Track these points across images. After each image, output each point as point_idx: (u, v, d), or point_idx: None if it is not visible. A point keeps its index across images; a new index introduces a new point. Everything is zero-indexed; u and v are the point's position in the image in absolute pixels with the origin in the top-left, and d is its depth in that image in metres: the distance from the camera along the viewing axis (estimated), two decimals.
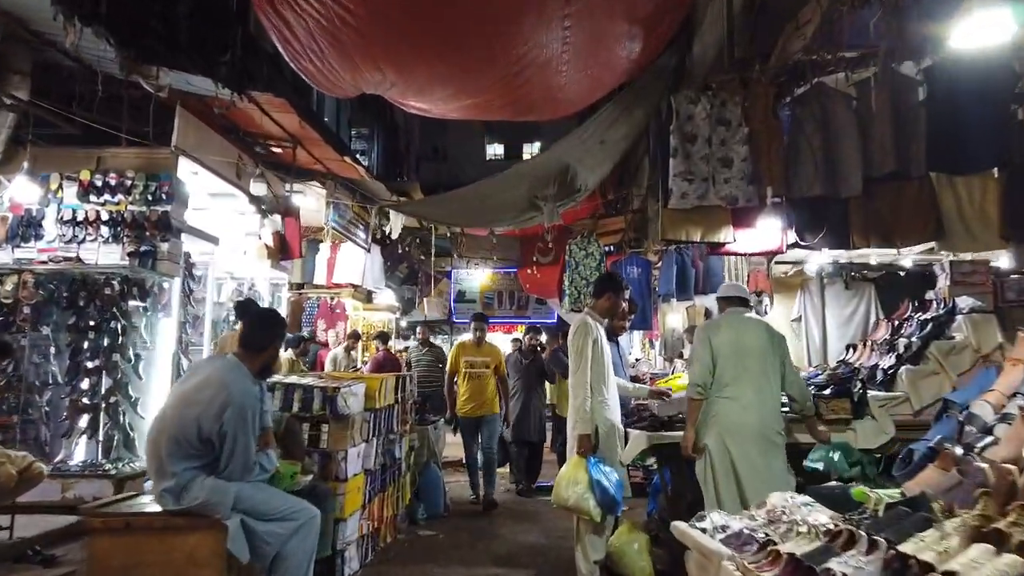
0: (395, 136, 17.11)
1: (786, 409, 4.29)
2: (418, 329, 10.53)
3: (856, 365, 5.54)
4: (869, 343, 5.92)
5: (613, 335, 5.31)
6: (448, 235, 13.09)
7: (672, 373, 8.12)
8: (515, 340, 11.10)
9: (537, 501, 7.43)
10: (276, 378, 4.41)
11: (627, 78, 6.12)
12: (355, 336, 10.76)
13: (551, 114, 6.41)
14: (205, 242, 6.86)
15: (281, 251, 8.48)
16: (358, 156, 11.60)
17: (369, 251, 10.91)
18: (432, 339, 10.26)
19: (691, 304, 11.84)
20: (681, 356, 11.04)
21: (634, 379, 6.29)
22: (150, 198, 6.06)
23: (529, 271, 14.66)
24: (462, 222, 7.59)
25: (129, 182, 6.10)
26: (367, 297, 13.57)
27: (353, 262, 11.30)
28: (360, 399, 4.62)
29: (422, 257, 14.77)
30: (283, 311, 8.98)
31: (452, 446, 8.17)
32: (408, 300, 17.51)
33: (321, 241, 11.47)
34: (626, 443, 4.57)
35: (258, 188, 6.56)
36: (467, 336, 8.13)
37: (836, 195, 4.55)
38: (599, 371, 4.28)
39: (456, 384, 7.43)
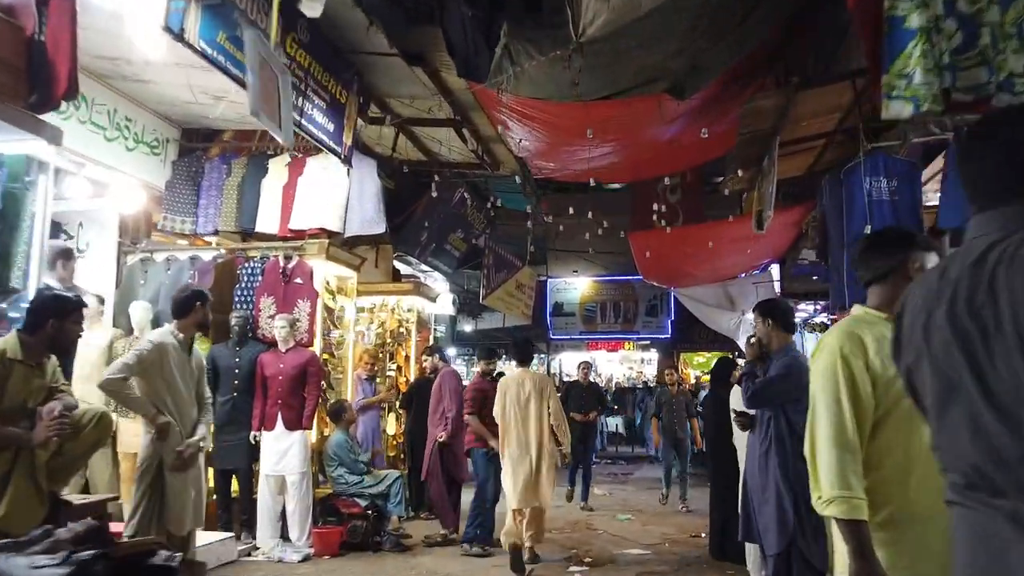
0: None
1: None
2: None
3: None
4: None
5: None
6: (517, 173, 7.64)
7: None
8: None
9: None
10: None
11: None
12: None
13: None
14: None
15: (32, 82, 3.38)
16: None
17: (349, 162, 5.70)
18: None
19: None
20: None
21: None
22: None
23: (648, 234, 8.83)
24: None
25: None
26: (386, 270, 8.28)
27: (326, 191, 6.12)
28: None
29: (478, 215, 9.36)
30: (33, 246, 3.61)
31: None
32: (468, 292, 12.07)
33: (271, 155, 6.37)
34: None
35: None
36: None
37: None
38: None
39: None
